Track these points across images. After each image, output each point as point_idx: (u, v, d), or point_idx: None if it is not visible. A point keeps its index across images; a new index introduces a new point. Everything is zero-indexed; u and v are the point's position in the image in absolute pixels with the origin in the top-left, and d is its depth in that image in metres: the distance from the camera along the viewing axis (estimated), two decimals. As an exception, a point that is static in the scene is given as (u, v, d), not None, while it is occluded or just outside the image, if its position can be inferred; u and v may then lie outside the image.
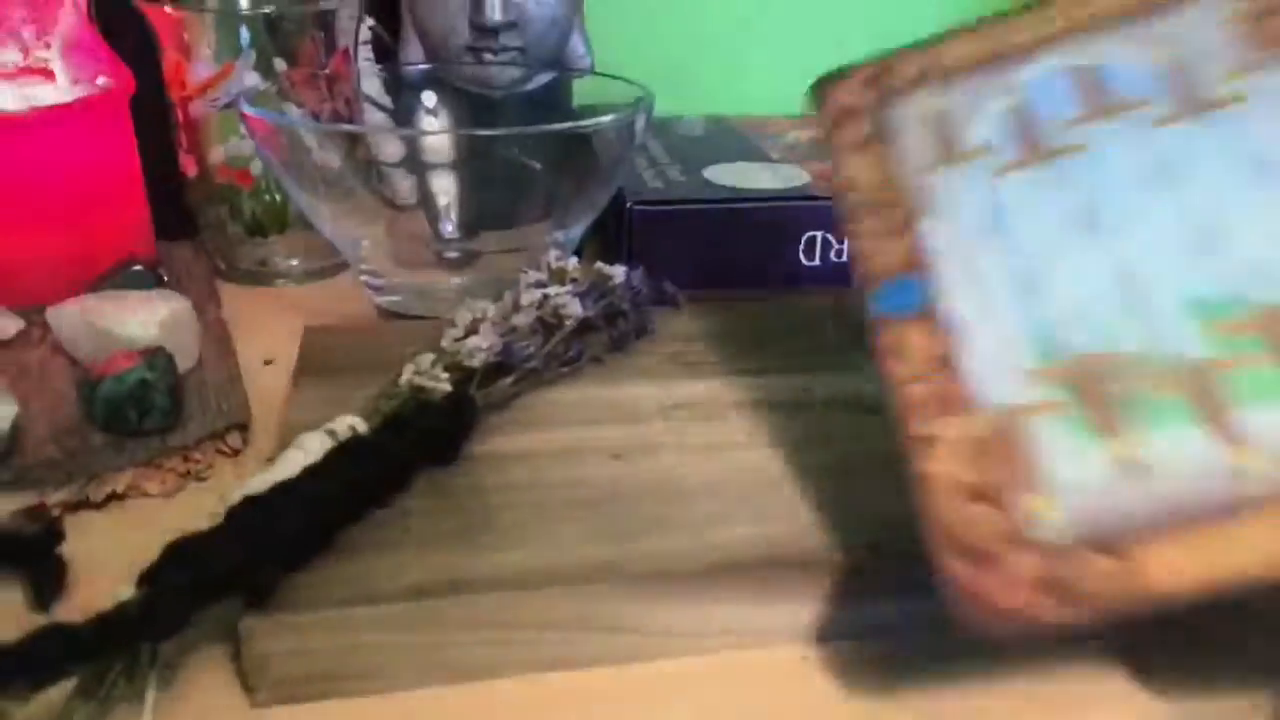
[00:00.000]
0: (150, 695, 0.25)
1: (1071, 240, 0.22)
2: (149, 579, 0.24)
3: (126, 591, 0.24)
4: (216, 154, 0.52)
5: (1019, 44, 0.25)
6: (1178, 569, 0.17)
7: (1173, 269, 0.21)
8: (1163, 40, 0.23)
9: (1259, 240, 0.20)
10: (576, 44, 0.57)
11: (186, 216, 0.55)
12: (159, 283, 0.47)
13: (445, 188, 0.49)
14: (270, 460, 0.36)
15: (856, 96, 0.28)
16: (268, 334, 0.46)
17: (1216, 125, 0.21)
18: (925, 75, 0.26)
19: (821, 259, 0.52)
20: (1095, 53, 0.24)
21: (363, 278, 0.48)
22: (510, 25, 0.53)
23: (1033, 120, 0.24)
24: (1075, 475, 0.19)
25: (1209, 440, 0.18)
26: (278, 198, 0.52)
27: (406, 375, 0.34)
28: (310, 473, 0.28)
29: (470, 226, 0.50)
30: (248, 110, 0.43)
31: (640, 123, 0.46)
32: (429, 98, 0.54)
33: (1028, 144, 0.24)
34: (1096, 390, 0.20)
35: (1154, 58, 0.23)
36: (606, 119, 0.45)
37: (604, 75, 0.53)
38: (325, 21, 0.52)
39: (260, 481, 0.28)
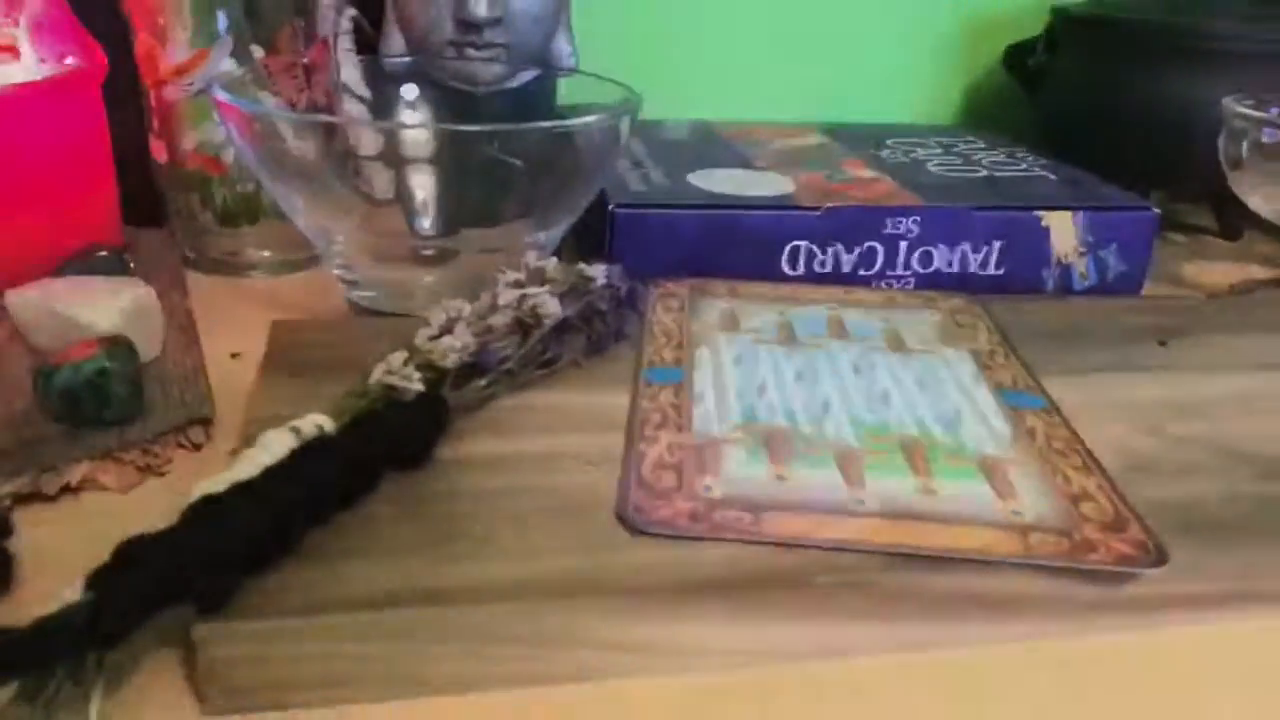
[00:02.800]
0: (96, 702, 0.24)
1: (792, 380, 0.39)
2: (97, 581, 0.23)
3: (73, 593, 0.23)
4: (189, 140, 0.50)
5: (797, 298, 0.47)
6: (783, 527, 0.29)
7: (849, 405, 0.37)
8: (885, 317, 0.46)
9: (901, 402, 0.38)
10: (561, 43, 0.56)
11: (158, 203, 0.53)
12: (125, 269, 0.45)
13: (423, 183, 0.48)
14: (233, 455, 0.35)
15: (682, 288, 0.47)
16: (236, 326, 0.44)
17: (887, 354, 0.42)
18: (730, 292, 0.47)
19: (806, 269, 0.51)
20: (841, 310, 0.46)
21: (336, 272, 0.47)
22: (495, 21, 0.52)
23: (791, 328, 0.44)
24: (740, 474, 0.32)
25: (841, 480, 0.32)
26: (250, 187, 0.51)
27: (377, 374, 0.33)
28: (272, 473, 0.27)
29: (449, 223, 0.49)
30: (221, 96, 0.41)
31: (625, 124, 0.45)
32: (409, 90, 0.53)
33: (783, 336, 0.43)
34: (773, 441, 0.34)
35: (876, 325, 0.45)
36: (592, 119, 0.45)
37: (588, 75, 0.52)
38: (306, 9, 0.51)
39: (219, 480, 0.27)
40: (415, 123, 0.53)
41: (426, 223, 0.49)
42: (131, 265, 0.46)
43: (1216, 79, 0.60)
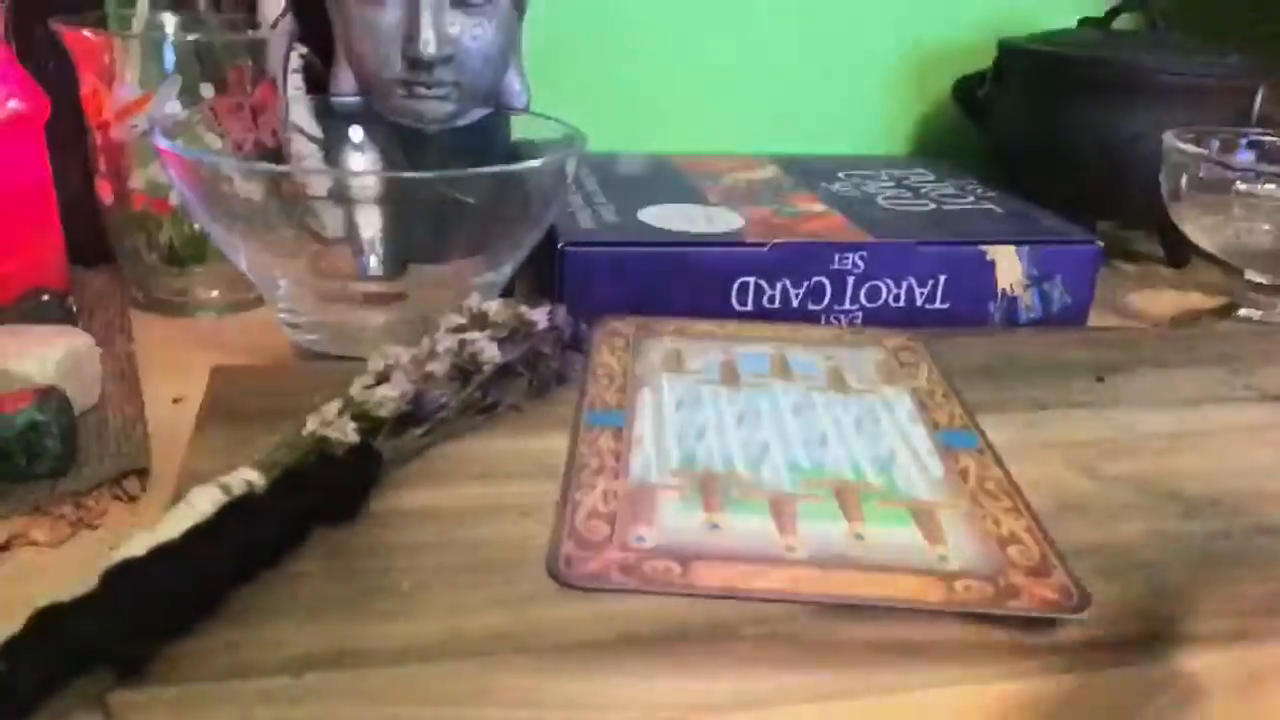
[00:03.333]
0: (11, 771, 0.23)
1: (733, 423, 0.39)
2: (9, 651, 0.23)
3: (-14, 663, 0.23)
4: (135, 180, 0.50)
5: (743, 336, 0.48)
6: (711, 578, 0.30)
7: (788, 447, 0.38)
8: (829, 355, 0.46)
9: (838, 444, 0.38)
10: (512, 80, 0.56)
11: (104, 243, 0.53)
12: (67, 315, 0.45)
13: (371, 222, 0.48)
14: (165, 510, 0.35)
15: (628, 327, 0.47)
16: (180, 369, 0.44)
17: (828, 393, 0.42)
18: (677, 331, 0.47)
19: (754, 304, 0.52)
20: (786, 348, 0.47)
21: (280, 316, 0.47)
22: (445, 59, 0.52)
23: (734, 367, 0.44)
24: (674, 523, 0.32)
25: (774, 526, 0.33)
26: (197, 227, 0.51)
27: (311, 424, 0.33)
28: (196, 533, 0.27)
29: (397, 262, 0.49)
30: (162, 144, 0.41)
31: (571, 164, 0.46)
32: (356, 133, 0.53)
33: (727, 377, 0.43)
34: (709, 487, 0.35)
35: (819, 363, 0.45)
36: (535, 163, 0.45)
37: (536, 115, 0.53)
38: (255, 49, 0.51)
39: (140, 542, 0.26)
40: (367, 167, 0.53)
41: (374, 261, 0.49)
42: (75, 309, 0.46)
43: (1158, 112, 0.61)
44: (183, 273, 0.52)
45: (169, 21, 0.54)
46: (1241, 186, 0.55)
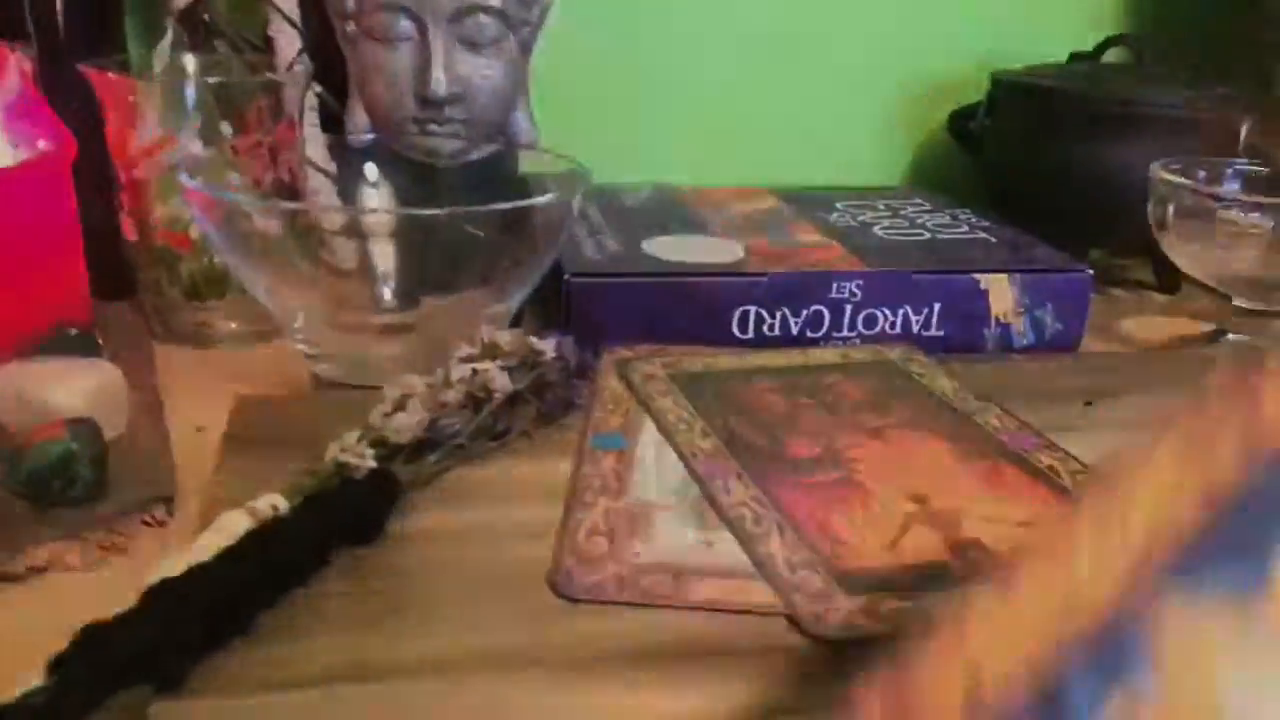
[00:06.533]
0: (56, 781, 0.25)
1: None
2: (59, 665, 0.24)
3: (35, 679, 0.24)
4: (156, 217, 0.52)
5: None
6: (704, 592, 0.31)
7: None
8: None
9: None
10: (520, 118, 0.58)
11: (126, 278, 0.55)
12: (94, 348, 0.47)
13: (385, 253, 0.50)
14: (195, 535, 0.36)
15: (634, 354, 0.50)
16: (202, 399, 0.46)
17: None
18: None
19: (755, 333, 0.53)
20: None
21: (299, 346, 0.48)
22: (455, 99, 0.54)
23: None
24: (669, 541, 0.34)
25: None
26: (217, 262, 0.53)
27: (332, 451, 0.35)
28: (227, 555, 0.28)
29: (410, 294, 0.50)
30: (187, 183, 0.43)
31: (576, 199, 0.48)
32: (371, 171, 0.55)
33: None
34: (705, 507, 0.36)
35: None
36: (545, 198, 0.47)
37: (544, 151, 0.55)
38: (272, 90, 0.53)
39: (176, 564, 0.28)
40: (380, 202, 0.55)
41: (387, 293, 0.50)
42: (100, 342, 0.48)
43: (1147, 143, 0.63)
44: (203, 306, 0.54)
45: (189, 63, 0.57)
46: (1227, 215, 0.57)
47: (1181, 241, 0.58)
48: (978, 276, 0.55)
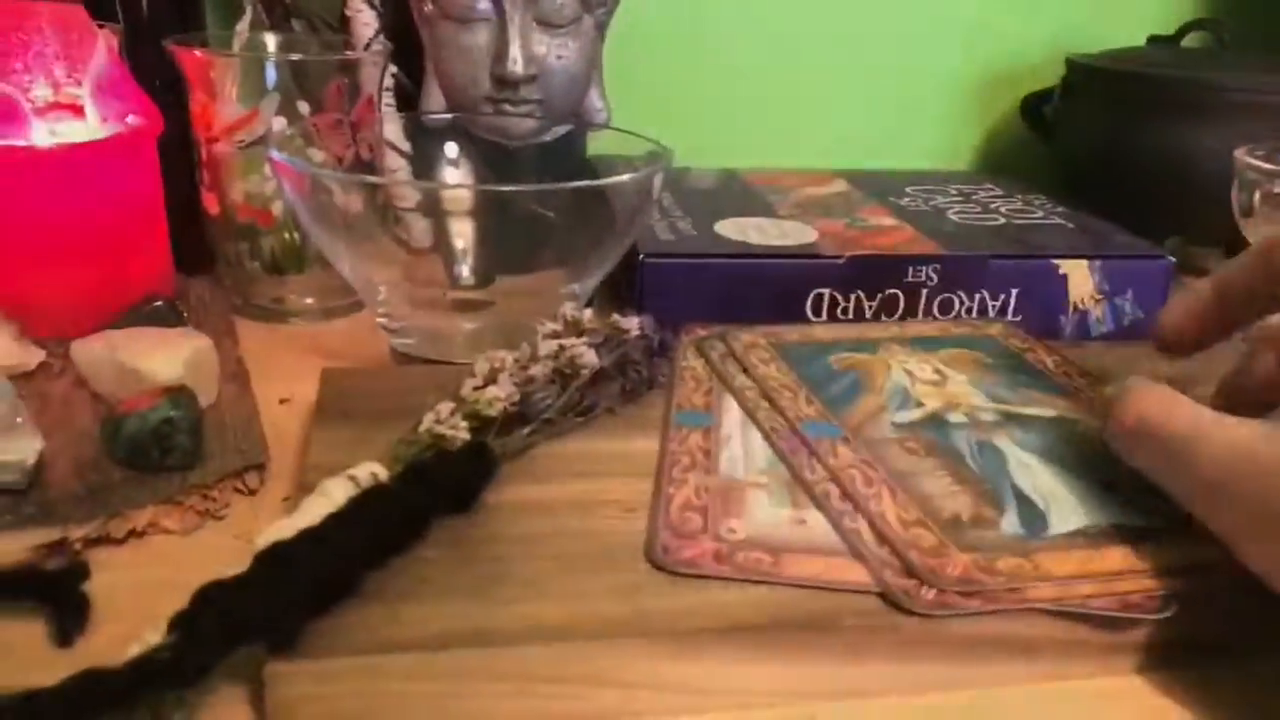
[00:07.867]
0: (174, 737, 0.25)
1: None
2: (181, 623, 0.25)
3: (154, 636, 0.25)
4: (238, 193, 0.53)
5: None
6: (802, 569, 0.31)
7: None
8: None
9: None
10: (594, 98, 0.58)
11: (205, 252, 0.56)
12: (179, 319, 0.47)
13: (462, 232, 0.50)
14: (286, 500, 0.37)
15: (713, 333, 0.48)
16: (282, 371, 0.47)
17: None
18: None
19: (829, 316, 0.53)
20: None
21: (379, 320, 0.49)
22: (531, 79, 0.54)
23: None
24: (762, 518, 0.34)
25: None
26: (296, 237, 0.54)
27: (426, 423, 0.35)
28: (335, 520, 0.29)
29: (485, 273, 0.51)
30: (276, 157, 0.44)
31: (658, 180, 0.47)
32: (451, 149, 0.56)
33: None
34: (795, 486, 0.36)
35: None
36: (625, 177, 0.46)
37: (620, 130, 0.55)
38: (350, 69, 0.53)
39: (286, 527, 0.28)
40: (456, 180, 0.55)
41: (465, 271, 0.51)
42: (185, 314, 0.48)
43: (1226, 129, 0.61)
44: (282, 280, 0.54)
45: (270, 41, 0.57)
46: (1314, 202, 0.56)
47: (1267, 229, 0.57)
48: (1056, 262, 0.54)
